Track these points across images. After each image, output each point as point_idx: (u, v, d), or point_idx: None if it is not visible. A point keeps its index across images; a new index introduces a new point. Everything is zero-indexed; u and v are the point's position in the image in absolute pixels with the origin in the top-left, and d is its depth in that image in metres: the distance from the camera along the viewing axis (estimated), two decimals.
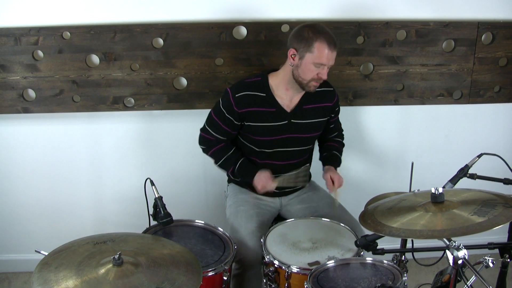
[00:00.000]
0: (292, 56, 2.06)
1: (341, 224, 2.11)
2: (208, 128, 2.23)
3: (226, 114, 2.15)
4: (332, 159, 2.31)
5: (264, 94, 2.15)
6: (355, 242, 1.79)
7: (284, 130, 2.19)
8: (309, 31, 2.01)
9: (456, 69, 2.61)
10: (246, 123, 2.16)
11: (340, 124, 2.44)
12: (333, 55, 2.02)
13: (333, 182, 2.19)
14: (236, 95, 2.12)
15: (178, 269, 1.54)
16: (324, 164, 2.32)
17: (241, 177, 2.26)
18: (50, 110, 2.46)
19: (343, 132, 2.47)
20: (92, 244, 1.62)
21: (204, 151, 2.30)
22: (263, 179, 2.16)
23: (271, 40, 2.44)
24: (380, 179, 2.84)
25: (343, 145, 2.43)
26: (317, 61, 2.01)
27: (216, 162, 2.27)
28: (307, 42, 2.00)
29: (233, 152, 2.24)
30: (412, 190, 1.91)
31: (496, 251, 1.79)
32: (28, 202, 2.68)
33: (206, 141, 2.26)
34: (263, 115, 2.15)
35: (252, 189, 2.27)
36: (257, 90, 2.14)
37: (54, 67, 2.38)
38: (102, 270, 1.45)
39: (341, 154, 2.37)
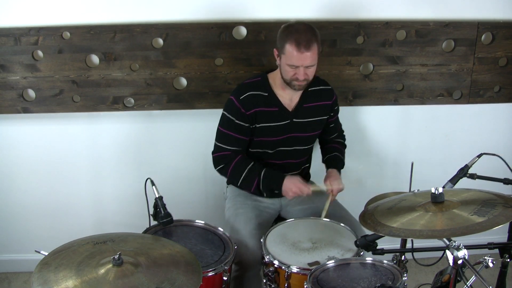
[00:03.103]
0: (277, 56, 2.08)
1: (341, 224, 2.11)
2: (221, 145, 2.16)
3: (236, 121, 2.12)
4: (334, 161, 2.31)
5: (267, 94, 2.15)
6: (355, 242, 1.79)
7: (286, 130, 2.19)
8: (283, 32, 2.01)
9: (456, 69, 2.61)
10: (257, 125, 2.15)
11: (340, 124, 2.44)
12: (305, 56, 1.96)
13: (332, 190, 2.18)
14: (241, 98, 2.12)
15: (178, 269, 1.54)
16: (327, 167, 2.31)
17: (268, 187, 2.15)
18: (50, 110, 2.46)
19: (344, 133, 2.47)
20: (92, 244, 1.62)
21: (223, 171, 2.18)
22: (297, 186, 2.09)
23: (271, 40, 2.43)
24: (380, 179, 2.84)
25: (344, 146, 2.43)
26: (289, 63, 2.00)
27: (238, 180, 2.16)
28: (281, 43, 2.01)
29: (254, 164, 2.15)
30: (412, 190, 1.91)
31: (496, 251, 1.79)
32: (28, 202, 2.68)
33: (222, 159, 2.17)
34: (268, 115, 2.15)
35: (256, 192, 2.27)
36: (259, 89, 2.15)
37: (54, 67, 2.38)
38: (102, 270, 1.45)
39: (343, 156, 2.37)
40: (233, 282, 2.06)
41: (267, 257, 1.90)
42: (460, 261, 1.48)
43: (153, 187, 1.86)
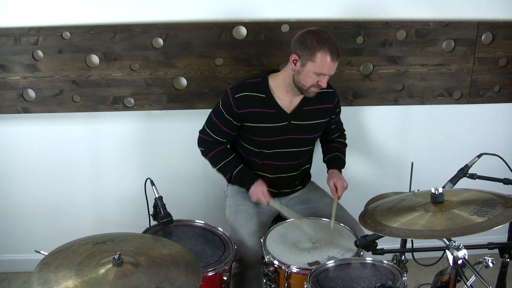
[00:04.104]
0: (294, 61, 2.05)
1: (341, 224, 2.11)
2: (208, 130, 2.22)
3: (226, 115, 2.14)
4: (335, 161, 2.31)
5: (264, 95, 2.15)
6: (355, 242, 1.79)
7: (284, 131, 2.18)
8: (313, 39, 1.98)
9: (456, 69, 2.61)
10: (246, 124, 2.16)
11: (341, 124, 2.44)
12: (335, 65, 2.01)
13: (336, 188, 2.19)
14: (236, 96, 2.12)
15: (178, 269, 1.54)
16: (328, 167, 2.32)
17: (238, 184, 2.27)
18: (50, 110, 2.46)
19: (345, 132, 2.47)
20: (92, 244, 1.62)
21: (203, 153, 2.28)
22: (260, 193, 2.17)
23: (271, 40, 2.44)
24: (380, 179, 2.84)
25: (345, 145, 2.43)
26: (318, 71, 2.00)
27: (214, 166, 2.27)
28: (310, 51, 1.98)
29: (232, 158, 2.23)
30: (412, 190, 1.91)
31: (496, 251, 1.79)
32: (28, 202, 2.68)
33: (205, 143, 2.25)
34: (263, 116, 2.14)
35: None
36: (257, 91, 2.14)
37: (54, 67, 2.38)
38: (102, 270, 1.45)
39: (344, 156, 2.37)
40: (234, 279, 2.06)
41: (267, 257, 1.90)
42: (460, 261, 1.48)
43: (153, 187, 1.86)
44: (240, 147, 2.27)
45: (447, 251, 1.51)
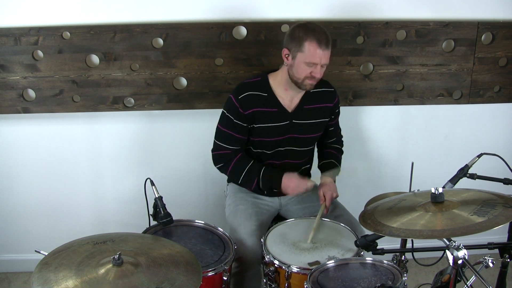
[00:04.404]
0: (286, 56, 2.06)
1: (341, 224, 2.11)
2: (220, 143, 2.17)
3: (235, 120, 2.12)
4: (330, 169, 2.29)
5: (266, 94, 2.15)
6: (355, 242, 1.79)
7: (285, 131, 2.18)
8: (300, 31, 2.00)
9: (456, 69, 2.61)
10: (255, 126, 2.15)
11: (339, 129, 2.41)
12: (325, 54, 2.00)
13: (325, 198, 2.16)
14: (239, 97, 2.12)
15: (178, 269, 1.54)
16: (322, 173, 2.29)
17: (268, 185, 2.17)
18: (50, 110, 2.46)
19: (343, 139, 2.45)
20: (92, 244, 1.62)
21: (223, 169, 2.21)
22: (295, 180, 2.12)
23: (271, 40, 2.44)
24: (380, 179, 2.84)
25: (341, 152, 2.41)
26: (308, 61, 2.00)
27: (238, 179, 2.19)
28: (298, 42, 2.00)
29: (254, 163, 2.17)
30: (412, 190, 1.91)
31: (496, 251, 1.79)
32: (28, 202, 2.68)
33: (222, 157, 2.19)
34: (266, 115, 2.14)
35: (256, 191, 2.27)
36: (259, 90, 2.14)
37: (54, 67, 2.38)
38: (102, 270, 1.45)
39: (339, 162, 2.34)
40: (233, 278, 2.06)
41: (268, 256, 1.90)
42: (460, 261, 1.48)
43: (153, 187, 1.86)
44: None
45: (447, 251, 1.51)
